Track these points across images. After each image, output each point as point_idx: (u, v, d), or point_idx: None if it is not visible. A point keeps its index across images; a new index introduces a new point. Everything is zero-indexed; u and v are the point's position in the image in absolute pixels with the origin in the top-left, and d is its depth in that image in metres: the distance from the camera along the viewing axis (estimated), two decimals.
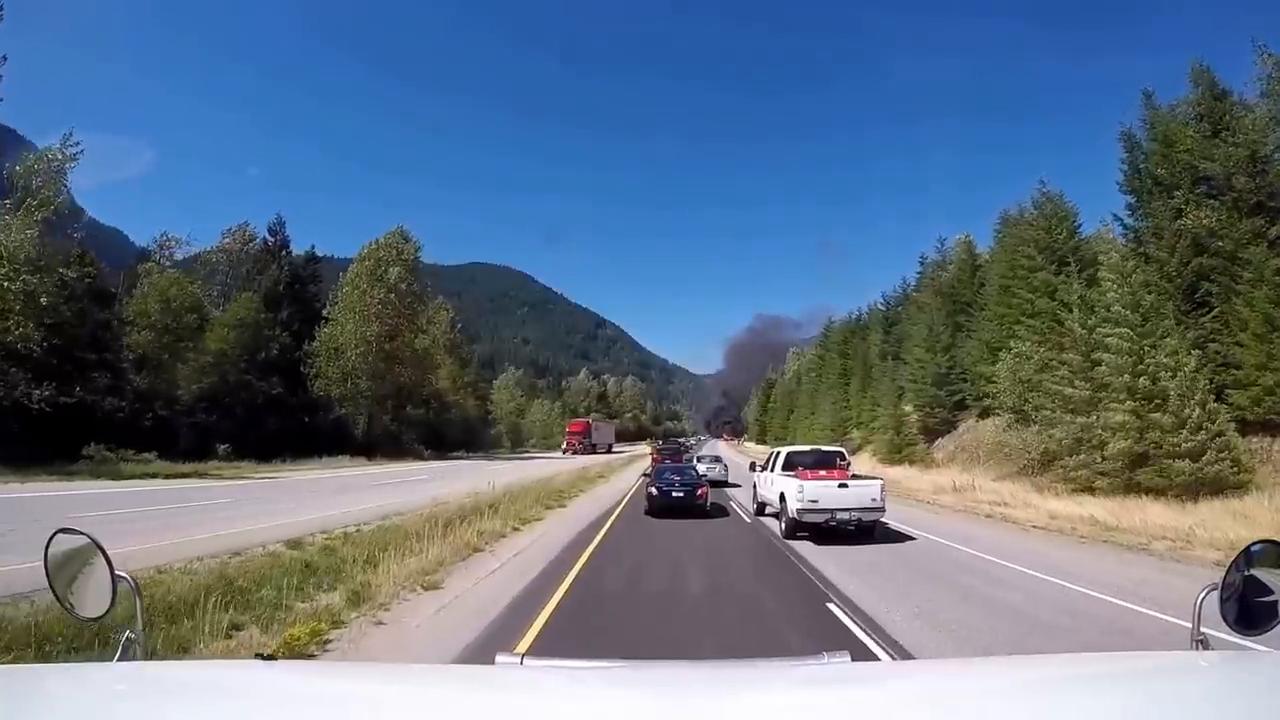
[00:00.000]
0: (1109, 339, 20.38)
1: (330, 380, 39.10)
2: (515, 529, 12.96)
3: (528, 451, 71.90)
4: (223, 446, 31.92)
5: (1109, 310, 21.21)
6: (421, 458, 44.78)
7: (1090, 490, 20.77)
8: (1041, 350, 27.29)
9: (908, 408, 42.22)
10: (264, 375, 38.27)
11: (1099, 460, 21.25)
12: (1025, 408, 25.94)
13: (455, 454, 51.01)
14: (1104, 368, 20.59)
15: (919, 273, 52.97)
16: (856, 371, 57.21)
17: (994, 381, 35.19)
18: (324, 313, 42.04)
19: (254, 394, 37.98)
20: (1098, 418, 20.46)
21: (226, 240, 49.56)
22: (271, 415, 37.00)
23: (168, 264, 46.51)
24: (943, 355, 42.08)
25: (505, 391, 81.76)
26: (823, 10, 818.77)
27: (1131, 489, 20.01)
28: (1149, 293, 21.78)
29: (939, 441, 39.60)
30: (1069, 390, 21.63)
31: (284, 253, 45.36)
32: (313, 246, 51.70)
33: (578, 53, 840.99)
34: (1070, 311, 23.55)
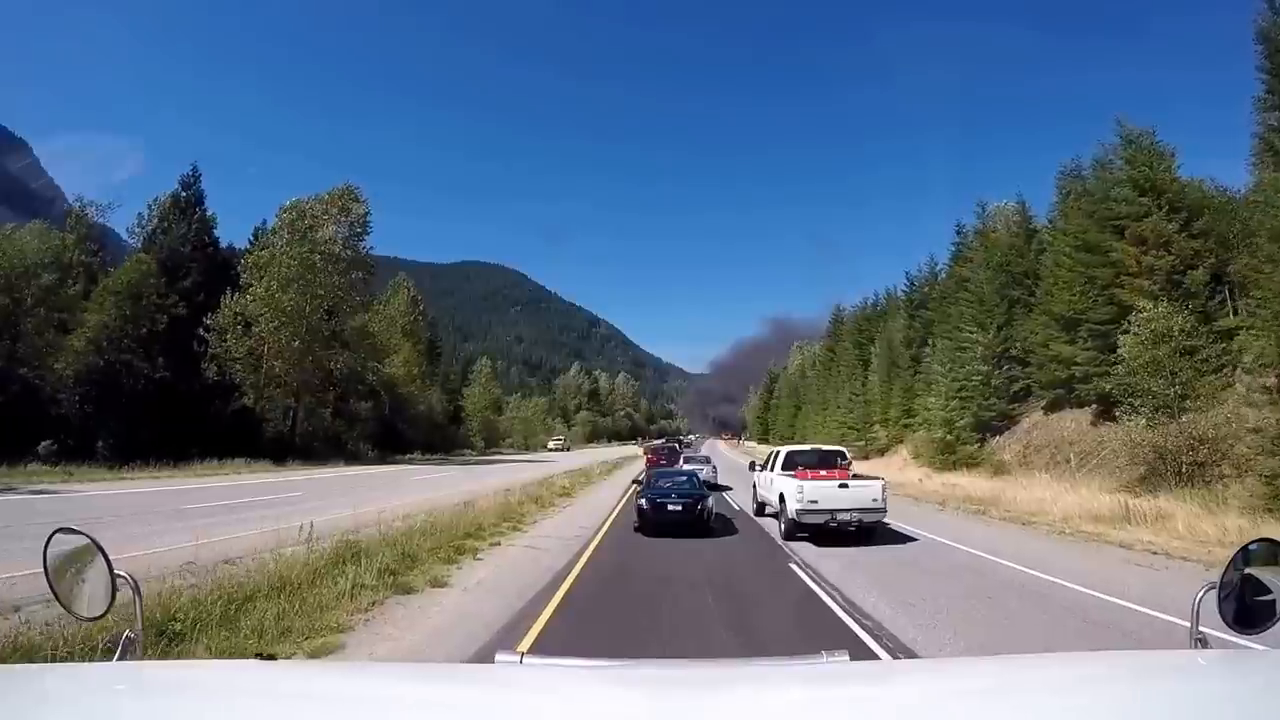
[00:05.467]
0: None
1: (236, 361, 30.97)
2: None
3: (501, 452, 63.79)
4: (45, 444, 23.88)
5: None
6: (361, 461, 36.71)
7: None
8: (1182, 315, 19.69)
9: (953, 401, 34.42)
10: (149, 355, 30.17)
11: None
12: (1169, 392, 18.24)
13: (408, 456, 42.93)
14: None
15: (955, 244, 45.33)
16: (880, 361, 49.38)
17: (1075, 363, 27.93)
18: (241, 278, 33.95)
19: (137, 378, 29.92)
20: None
21: (152, 213, 41.84)
22: (154, 405, 28.92)
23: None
24: (996, 335, 34.45)
25: (478, 385, 73.29)
26: (822, 17, 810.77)
27: None
28: None
29: (998, 440, 31.89)
30: None
31: (196, 210, 37.25)
32: (264, 221, 43.49)
33: (576, 60, 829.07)
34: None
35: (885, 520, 12.94)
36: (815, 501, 12.15)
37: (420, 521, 11.49)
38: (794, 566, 10.20)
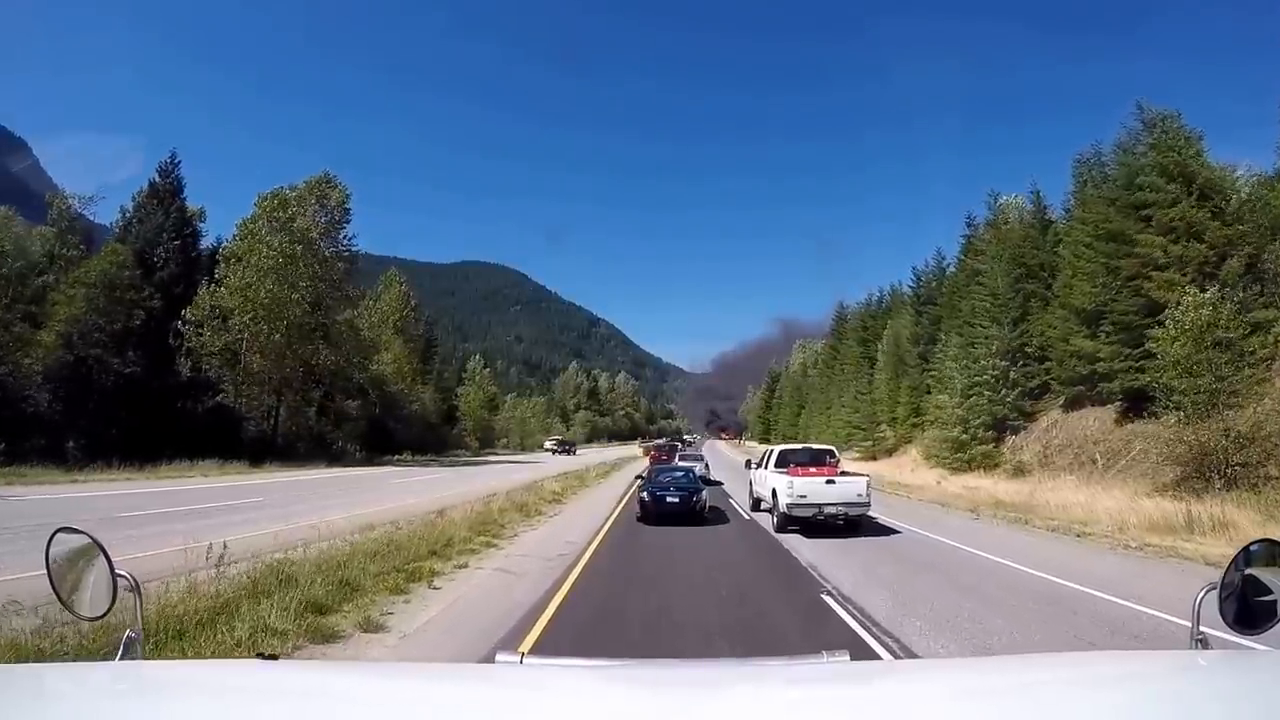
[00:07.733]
0: None
1: (212, 356, 29.45)
2: None
3: (496, 453, 62.24)
4: None
5: None
6: (347, 462, 35.17)
7: None
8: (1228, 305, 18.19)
9: (969, 399, 32.86)
10: (122, 350, 28.66)
11: None
12: (1215, 387, 16.73)
13: (398, 457, 41.41)
14: None
15: (965, 236, 43.83)
16: (886, 359, 47.87)
17: (1098, 358, 26.42)
18: (216, 273, 32.40)
19: (108, 374, 28.43)
20: None
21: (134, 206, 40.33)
22: (126, 403, 27.44)
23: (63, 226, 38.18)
24: (1011, 330, 32.94)
25: (473, 385, 71.61)
26: (822, 12, 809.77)
27: None
28: None
29: (1014, 440, 30.36)
30: None
31: (175, 199, 35.73)
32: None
33: (576, 57, 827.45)
34: None
35: (924, 531, 11.59)
36: (804, 496, 12.88)
37: (379, 534, 9.92)
38: (828, 599, 7.95)
